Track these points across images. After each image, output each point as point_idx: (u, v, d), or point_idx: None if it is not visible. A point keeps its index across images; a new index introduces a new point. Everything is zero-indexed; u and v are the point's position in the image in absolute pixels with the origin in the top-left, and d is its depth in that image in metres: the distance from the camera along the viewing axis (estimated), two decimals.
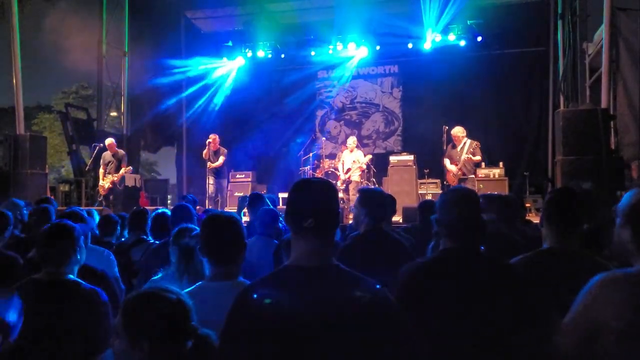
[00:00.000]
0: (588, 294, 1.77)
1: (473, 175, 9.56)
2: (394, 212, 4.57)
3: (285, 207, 1.76)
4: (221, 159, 10.72)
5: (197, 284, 2.23)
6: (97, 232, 4.49)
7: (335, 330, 1.55)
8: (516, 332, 1.98)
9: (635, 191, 1.74)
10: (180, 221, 3.21)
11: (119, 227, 4.67)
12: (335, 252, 1.76)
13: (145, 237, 4.35)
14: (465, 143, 9.36)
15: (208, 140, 10.72)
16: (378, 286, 1.66)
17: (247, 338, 1.58)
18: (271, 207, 4.35)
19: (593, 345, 1.74)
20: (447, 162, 9.52)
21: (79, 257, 2.63)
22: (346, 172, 10.53)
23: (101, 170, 10.44)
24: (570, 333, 1.82)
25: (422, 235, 3.80)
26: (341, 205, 9.02)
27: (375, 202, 3.22)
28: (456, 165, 9.33)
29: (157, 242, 3.89)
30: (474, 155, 9.23)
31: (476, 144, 9.28)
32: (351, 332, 1.56)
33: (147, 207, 6.59)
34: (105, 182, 10.26)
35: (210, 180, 10.82)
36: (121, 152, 10.53)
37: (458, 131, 9.44)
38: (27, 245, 3.72)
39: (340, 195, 10.44)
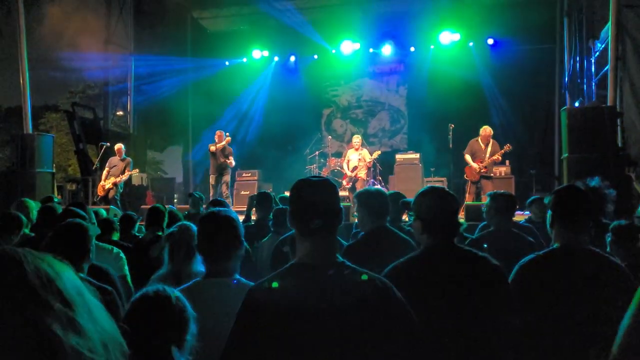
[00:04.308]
0: None
1: (492, 175, 9.54)
2: (403, 210, 4.55)
3: (289, 207, 1.77)
4: (231, 159, 10.68)
5: (193, 280, 2.26)
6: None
7: (344, 321, 1.59)
8: (491, 323, 2.03)
9: None
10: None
11: (118, 226, 4.73)
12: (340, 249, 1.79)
13: (161, 233, 4.38)
14: (489, 143, 9.30)
15: (225, 137, 10.70)
16: (385, 280, 1.71)
17: (259, 332, 1.61)
18: (281, 205, 4.36)
19: None
20: (469, 157, 9.37)
21: (90, 257, 2.66)
22: (352, 170, 10.52)
23: (104, 172, 10.48)
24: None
25: None
26: (347, 203, 9.03)
27: (373, 202, 3.24)
28: (480, 162, 9.25)
29: None
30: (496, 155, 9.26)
31: (499, 151, 9.24)
32: (359, 322, 1.60)
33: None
34: (106, 183, 10.30)
35: (212, 180, 10.80)
36: (128, 159, 10.55)
37: (488, 130, 9.35)
38: (35, 244, 3.75)
39: (346, 193, 10.45)
